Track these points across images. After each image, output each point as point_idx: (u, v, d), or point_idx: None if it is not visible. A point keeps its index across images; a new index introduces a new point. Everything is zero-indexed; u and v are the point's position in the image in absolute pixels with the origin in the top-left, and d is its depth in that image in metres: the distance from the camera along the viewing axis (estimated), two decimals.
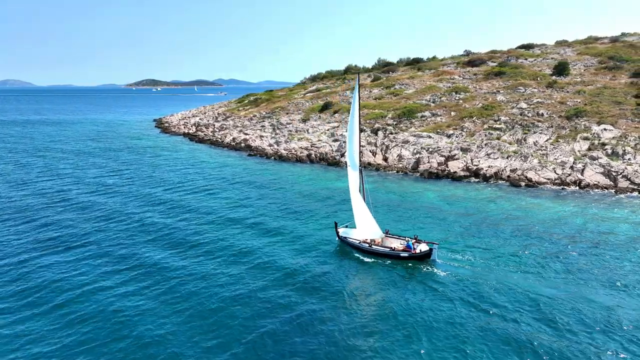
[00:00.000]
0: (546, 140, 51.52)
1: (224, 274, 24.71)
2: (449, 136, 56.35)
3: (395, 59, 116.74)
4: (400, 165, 52.79)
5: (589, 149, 48.27)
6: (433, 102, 67.18)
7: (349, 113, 70.98)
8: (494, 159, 49.61)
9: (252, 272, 25.00)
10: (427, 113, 63.49)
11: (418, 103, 67.36)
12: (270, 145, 66.73)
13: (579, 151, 48.37)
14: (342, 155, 57.31)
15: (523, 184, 44.17)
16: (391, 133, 60.61)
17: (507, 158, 49.06)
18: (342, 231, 29.89)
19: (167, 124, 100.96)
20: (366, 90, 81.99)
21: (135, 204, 39.01)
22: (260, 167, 55.39)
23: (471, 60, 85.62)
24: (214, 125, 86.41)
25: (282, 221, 33.90)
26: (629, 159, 45.09)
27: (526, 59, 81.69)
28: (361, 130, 47.67)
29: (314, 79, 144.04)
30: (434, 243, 26.30)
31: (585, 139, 49.89)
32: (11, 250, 28.31)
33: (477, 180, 46.82)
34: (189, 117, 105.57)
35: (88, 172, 52.67)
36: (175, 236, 30.76)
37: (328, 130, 67.27)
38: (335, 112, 72.86)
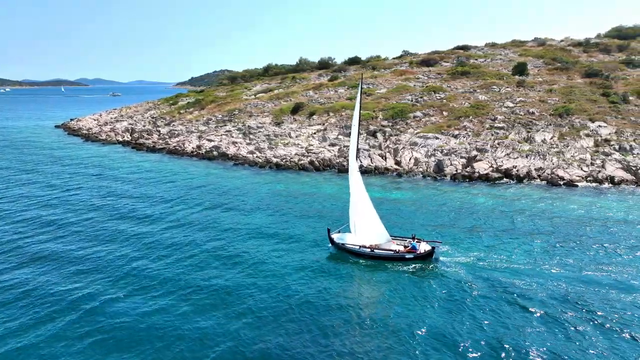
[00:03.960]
0: (551, 138, 53.02)
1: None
2: (455, 137, 55.12)
3: (315, 58, 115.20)
4: (421, 169, 49.97)
5: (596, 145, 50.69)
6: (417, 102, 65.70)
7: (328, 114, 66.64)
8: (514, 158, 49.44)
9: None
10: (418, 113, 61.71)
11: (404, 103, 65.31)
12: (250, 152, 58.98)
13: (587, 148, 50.47)
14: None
15: (561, 183, 44.39)
16: (391, 135, 57.53)
17: (527, 157, 49.23)
18: (336, 237, 27.49)
19: (85, 131, 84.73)
20: (331, 90, 77.83)
21: (135, 245, 30.05)
22: (264, 180, 47.84)
23: (425, 60, 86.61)
24: (159, 131, 74.53)
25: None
26: (639, 154, 48.11)
27: (476, 60, 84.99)
28: (359, 133, 43.91)
29: (234, 78, 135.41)
30: (436, 242, 26.35)
31: (588, 135, 52.36)
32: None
33: (510, 181, 46.01)
34: (111, 122, 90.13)
35: (32, 197, 40.41)
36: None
37: (315, 134, 61.78)
38: (312, 114, 67.41)
